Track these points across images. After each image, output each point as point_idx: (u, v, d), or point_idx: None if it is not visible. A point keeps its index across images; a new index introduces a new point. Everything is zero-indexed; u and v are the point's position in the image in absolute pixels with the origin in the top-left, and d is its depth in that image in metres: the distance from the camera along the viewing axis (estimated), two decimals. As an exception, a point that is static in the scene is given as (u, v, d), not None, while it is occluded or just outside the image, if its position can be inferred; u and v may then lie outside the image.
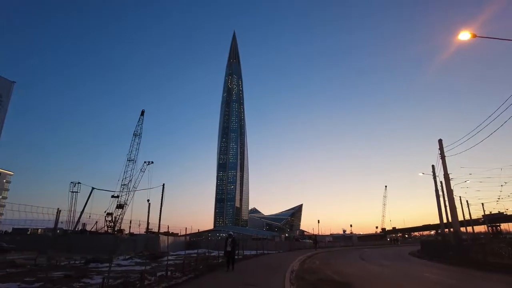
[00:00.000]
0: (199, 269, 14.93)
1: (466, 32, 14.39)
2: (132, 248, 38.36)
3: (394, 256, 32.98)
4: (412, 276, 15.69)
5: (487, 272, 16.23)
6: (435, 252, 29.60)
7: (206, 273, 14.27)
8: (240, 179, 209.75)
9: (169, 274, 12.41)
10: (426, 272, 16.83)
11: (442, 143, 28.13)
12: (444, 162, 27.56)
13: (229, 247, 15.60)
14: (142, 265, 19.39)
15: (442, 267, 19.65)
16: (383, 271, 17.48)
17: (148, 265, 18.63)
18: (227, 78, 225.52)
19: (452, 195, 26.77)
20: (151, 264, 18.82)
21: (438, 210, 40.51)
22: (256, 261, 22.68)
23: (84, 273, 12.34)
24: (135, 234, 48.11)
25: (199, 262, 18.06)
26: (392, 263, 22.79)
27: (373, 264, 21.11)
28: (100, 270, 14.66)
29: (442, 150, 27.92)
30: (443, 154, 27.74)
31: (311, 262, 22.01)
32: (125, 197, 59.08)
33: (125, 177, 59.69)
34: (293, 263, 20.02)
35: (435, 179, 39.16)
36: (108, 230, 54.86)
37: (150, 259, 25.85)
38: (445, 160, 27.60)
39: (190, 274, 12.97)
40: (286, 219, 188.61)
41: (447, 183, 26.99)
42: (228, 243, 15.68)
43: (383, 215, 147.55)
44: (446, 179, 27.02)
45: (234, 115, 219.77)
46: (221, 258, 20.59)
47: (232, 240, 15.79)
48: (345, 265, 20.28)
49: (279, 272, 14.70)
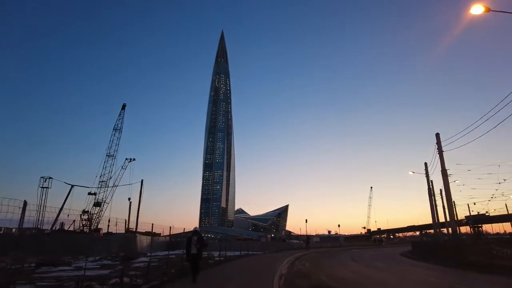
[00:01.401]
0: (170, 273, 12.50)
1: (479, 6, 12.73)
2: (107, 249, 35.69)
3: (386, 257, 31.22)
4: (418, 281, 13.70)
5: (499, 276, 14.37)
6: (429, 253, 27.95)
7: (177, 279, 11.82)
8: (226, 179, 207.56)
9: (129, 280, 9.97)
10: (431, 277, 14.89)
11: (439, 137, 26.53)
12: (441, 157, 25.93)
13: (194, 249, 11.16)
14: (109, 268, 16.81)
15: (444, 270, 17.78)
16: (383, 275, 15.42)
17: (114, 268, 16.12)
18: (215, 77, 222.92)
19: (449, 193, 25.15)
20: (118, 267, 16.20)
21: (431, 209, 39.22)
22: (240, 263, 20.30)
23: (15, 280, 9.72)
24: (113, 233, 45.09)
25: (173, 264, 15.62)
26: (389, 266, 20.84)
27: (368, 267, 19.11)
28: (44, 276, 12.04)
29: (439, 144, 26.29)
30: (441, 149, 26.11)
31: (300, 264, 19.82)
32: (103, 195, 55.91)
33: (103, 173, 56.56)
34: (281, 265, 17.79)
35: (428, 177, 37.83)
36: (84, 229, 51.54)
37: (122, 261, 23.31)
38: (442, 155, 25.98)
39: (155, 280, 10.54)
40: (272, 220, 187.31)
41: (445, 180, 25.35)
42: (192, 243, 11.22)
43: (368, 216, 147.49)
44: (444, 175, 25.39)
45: (221, 114, 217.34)
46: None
47: (198, 238, 11.33)
48: (338, 268, 18.18)
49: (265, 279, 12.36)
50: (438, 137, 26.49)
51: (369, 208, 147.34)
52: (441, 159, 25.92)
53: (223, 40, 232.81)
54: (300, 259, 24.71)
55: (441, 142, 26.26)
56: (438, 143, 26.42)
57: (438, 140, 26.45)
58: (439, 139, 26.40)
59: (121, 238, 37.83)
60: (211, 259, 20.64)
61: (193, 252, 11.14)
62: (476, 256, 20.11)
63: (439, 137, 26.47)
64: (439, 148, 26.27)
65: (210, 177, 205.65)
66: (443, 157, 25.89)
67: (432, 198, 38.18)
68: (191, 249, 11.15)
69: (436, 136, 26.64)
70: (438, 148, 26.28)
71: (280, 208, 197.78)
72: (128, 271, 12.86)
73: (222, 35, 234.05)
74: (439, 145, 26.31)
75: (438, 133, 26.62)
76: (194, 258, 11.16)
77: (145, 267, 14.79)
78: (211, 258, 21.28)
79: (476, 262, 18.71)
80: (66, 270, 14.72)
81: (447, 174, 25.36)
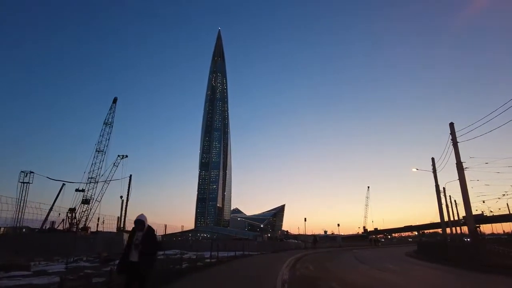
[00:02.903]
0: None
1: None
2: (92, 249, 33.28)
3: (393, 258, 28.96)
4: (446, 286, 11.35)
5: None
6: (438, 253, 25.65)
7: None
8: (222, 178, 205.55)
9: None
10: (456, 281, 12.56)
11: (454, 127, 24.18)
12: (456, 148, 23.56)
13: (133, 255, 5.99)
14: (77, 271, 14.27)
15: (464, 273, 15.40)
16: (401, 279, 13.07)
17: (78, 273, 13.58)
18: (211, 76, 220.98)
19: (466, 187, 22.75)
20: (85, 271, 13.63)
21: (439, 207, 37.05)
22: (234, 266, 17.77)
23: None
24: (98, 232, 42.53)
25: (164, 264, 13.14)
26: (401, 268, 18.48)
27: (379, 269, 16.72)
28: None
29: (454, 134, 23.93)
30: (455, 140, 23.75)
31: (303, 266, 17.35)
32: (92, 192, 53.28)
33: (92, 170, 53.95)
34: (281, 268, 15.32)
35: (435, 173, 35.65)
36: (71, 228, 48.91)
37: (101, 263, 20.80)
38: (457, 146, 23.62)
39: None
40: (268, 220, 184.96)
41: (460, 174, 22.94)
42: (133, 243, 6.09)
43: (365, 216, 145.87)
44: (460, 168, 23.00)
45: (218, 113, 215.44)
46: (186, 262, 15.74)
47: (144, 235, 6.12)
48: (347, 271, 15.79)
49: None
50: (452, 127, 24.17)
51: (366, 208, 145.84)
52: (455, 150, 23.58)
53: (220, 39, 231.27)
54: (302, 260, 22.26)
55: (455, 133, 23.94)
56: (452, 133, 24.08)
57: (452, 130, 24.12)
58: (453, 128, 24.08)
59: (107, 237, 35.28)
60: (200, 261, 18.12)
61: (132, 259, 5.97)
62: (497, 258, 18.10)
63: (453, 126, 24.15)
64: (453, 138, 23.92)
65: (206, 177, 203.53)
66: (458, 148, 23.54)
67: (439, 195, 35.98)
68: (131, 253, 6.05)
69: (450, 126, 24.32)
70: (453, 139, 23.93)
71: (276, 208, 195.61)
72: (93, 276, 10.29)
73: (219, 34, 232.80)
74: (453, 135, 23.98)
75: (452, 123, 24.31)
76: (134, 269, 5.88)
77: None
78: (201, 260, 18.79)
79: (498, 264, 16.55)
80: (14, 277, 11.99)
81: (462, 167, 23.00)
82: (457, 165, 23.22)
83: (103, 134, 56.82)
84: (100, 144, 55.76)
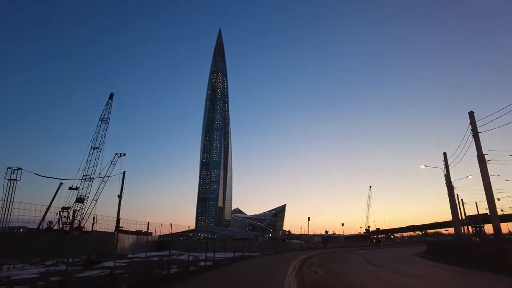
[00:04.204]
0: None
1: None
2: (82, 250, 31.15)
3: (404, 259, 26.94)
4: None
5: None
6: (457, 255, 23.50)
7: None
8: (223, 178, 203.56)
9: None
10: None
11: (474, 116, 22.11)
12: (477, 139, 21.50)
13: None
14: (47, 277, 12.18)
15: (497, 279, 13.31)
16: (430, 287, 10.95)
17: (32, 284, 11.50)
18: (212, 75, 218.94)
19: (489, 181, 20.66)
20: (50, 279, 11.50)
21: (451, 205, 34.88)
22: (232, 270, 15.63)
23: None
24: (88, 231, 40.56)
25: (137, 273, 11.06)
26: (422, 271, 16.32)
27: (399, 274, 14.65)
28: None
29: (474, 124, 21.88)
30: (476, 130, 21.67)
31: (311, 271, 15.20)
32: (87, 190, 51.33)
33: (87, 167, 51.98)
34: (287, 274, 13.19)
35: (447, 169, 33.56)
36: (63, 227, 46.98)
37: (84, 266, 18.68)
38: (478, 137, 21.55)
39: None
40: (269, 219, 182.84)
41: (482, 167, 20.87)
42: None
43: (367, 216, 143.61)
44: (481, 161, 20.92)
45: (218, 113, 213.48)
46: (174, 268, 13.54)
47: None
48: (361, 276, 13.73)
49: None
50: (472, 116, 22.10)
51: (368, 207, 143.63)
52: (476, 142, 21.51)
53: (220, 38, 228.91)
54: (308, 263, 20.12)
55: (475, 122, 21.86)
56: (472, 123, 22.02)
57: (472, 120, 22.06)
58: (473, 118, 22.01)
59: (99, 238, 33.18)
60: (194, 265, 15.96)
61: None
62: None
63: (473, 116, 22.08)
64: (473, 128, 21.86)
65: (207, 177, 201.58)
66: (479, 139, 21.49)
67: (452, 192, 33.82)
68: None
69: (470, 115, 22.24)
70: (473, 129, 21.86)
71: (277, 208, 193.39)
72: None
73: (219, 33, 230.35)
74: (473, 125, 21.91)
75: (472, 112, 22.24)
76: None
77: (105, 276, 10.29)
78: (195, 263, 16.65)
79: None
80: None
81: (485, 160, 20.90)
82: (479, 158, 21.16)
83: (99, 131, 54.93)
84: (96, 141, 53.84)
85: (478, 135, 21.48)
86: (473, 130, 21.75)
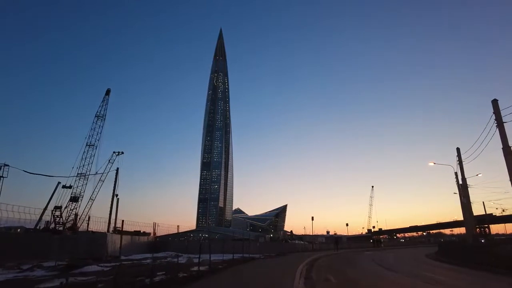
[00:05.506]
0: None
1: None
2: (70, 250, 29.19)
3: (418, 261, 25.07)
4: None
5: None
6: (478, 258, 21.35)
7: None
8: (224, 178, 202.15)
9: None
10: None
11: (498, 104, 20.03)
12: (502, 129, 19.40)
13: None
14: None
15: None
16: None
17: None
18: (213, 75, 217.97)
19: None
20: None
21: (461, 204, 32.91)
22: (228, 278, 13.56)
23: None
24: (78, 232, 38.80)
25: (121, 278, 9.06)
26: (446, 277, 14.22)
27: (422, 280, 12.59)
28: None
29: (498, 114, 19.79)
30: (501, 120, 19.58)
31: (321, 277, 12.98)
32: (81, 188, 49.36)
33: (82, 165, 50.01)
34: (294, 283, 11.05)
35: (461, 165, 31.52)
36: (56, 227, 45.05)
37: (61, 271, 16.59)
38: (503, 127, 19.46)
39: None
40: (270, 220, 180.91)
41: (508, 159, 18.75)
42: None
43: (369, 216, 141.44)
44: (508, 153, 18.81)
45: (219, 113, 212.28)
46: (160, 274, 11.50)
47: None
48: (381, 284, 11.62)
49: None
50: (495, 104, 20.03)
51: (370, 208, 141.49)
52: (501, 132, 19.41)
53: (221, 38, 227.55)
54: (316, 267, 18.03)
55: (500, 111, 19.78)
56: (495, 112, 19.94)
57: (495, 109, 19.98)
58: (498, 107, 19.94)
59: (90, 238, 31.27)
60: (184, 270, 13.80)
61: None
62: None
63: (497, 104, 20.01)
64: (497, 118, 19.77)
65: (207, 177, 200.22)
66: (504, 129, 19.39)
67: (466, 190, 31.73)
68: None
69: (493, 103, 20.18)
70: (497, 119, 19.77)
71: (278, 208, 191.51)
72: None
73: (220, 33, 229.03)
74: (497, 115, 19.83)
75: (496, 100, 20.17)
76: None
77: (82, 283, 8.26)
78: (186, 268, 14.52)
79: None
80: None
81: (511, 152, 18.79)
82: (504, 150, 19.06)
83: (95, 128, 52.96)
84: (91, 138, 51.90)
85: (503, 124, 19.39)
86: (497, 120, 19.68)
